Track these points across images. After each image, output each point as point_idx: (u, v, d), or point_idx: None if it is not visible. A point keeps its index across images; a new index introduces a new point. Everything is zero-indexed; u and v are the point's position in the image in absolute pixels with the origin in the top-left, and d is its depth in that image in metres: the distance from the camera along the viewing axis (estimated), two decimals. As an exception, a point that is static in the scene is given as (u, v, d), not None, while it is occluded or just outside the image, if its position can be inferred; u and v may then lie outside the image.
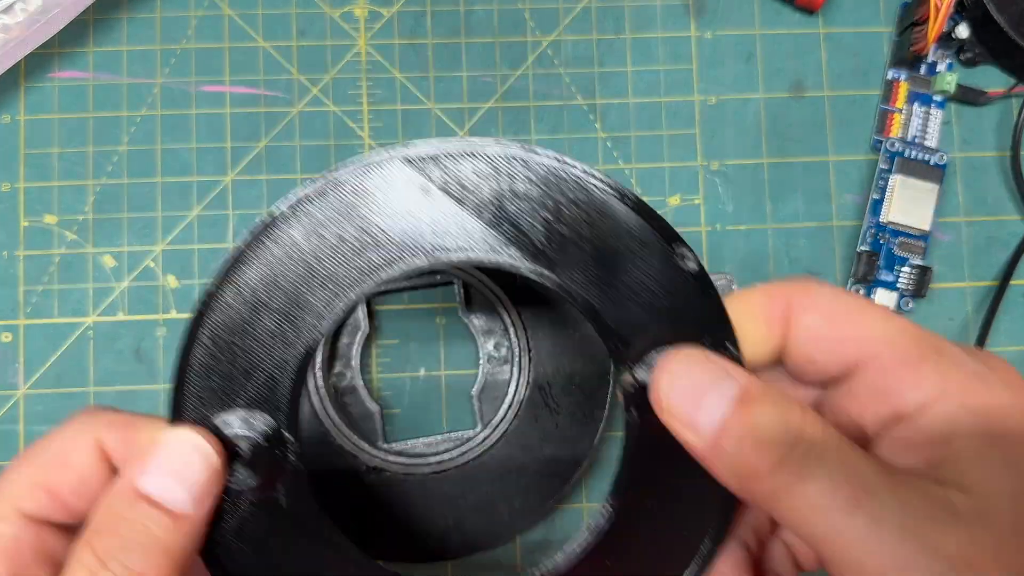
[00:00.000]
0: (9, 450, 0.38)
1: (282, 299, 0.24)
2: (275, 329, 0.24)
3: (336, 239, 0.24)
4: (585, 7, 0.42)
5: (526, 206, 0.24)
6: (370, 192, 0.24)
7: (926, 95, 0.42)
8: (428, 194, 0.24)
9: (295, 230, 0.24)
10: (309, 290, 0.24)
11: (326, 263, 0.24)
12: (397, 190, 0.24)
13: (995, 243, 0.42)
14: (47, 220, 0.40)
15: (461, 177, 0.24)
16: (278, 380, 0.24)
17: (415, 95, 0.41)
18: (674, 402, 0.22)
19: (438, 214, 0.24)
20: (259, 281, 0.25)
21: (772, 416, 0.21)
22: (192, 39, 0.41)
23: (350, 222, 0.24)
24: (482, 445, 0.38)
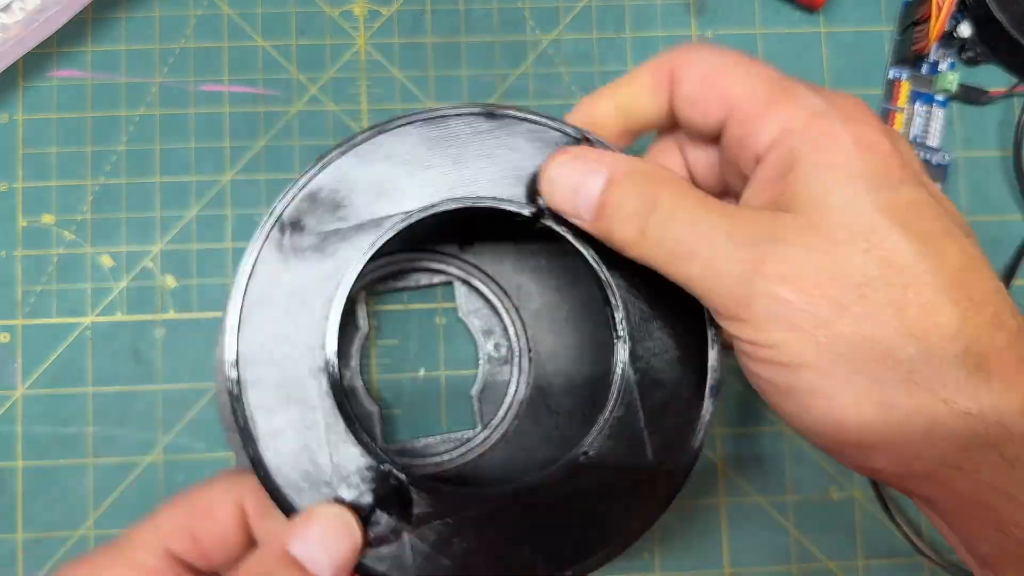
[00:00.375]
0: (7, 451, 0.38)
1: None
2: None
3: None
4: (585, 6, 0.42)
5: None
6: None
7: (928, 94, 0.42)
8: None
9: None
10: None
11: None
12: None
13: (998, 243, 0.42)
14: (45, 220, 0.40)
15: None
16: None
17: (415, 94, 0.41)
18: (557, 199, 0.26)
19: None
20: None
21: (631, 193, 0.25)
22: (191, 38, 0.41)
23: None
24: (482, 446, 0.37)
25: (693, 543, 0.40)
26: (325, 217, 0.27)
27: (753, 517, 0.40)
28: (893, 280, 0.22)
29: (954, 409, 0.22)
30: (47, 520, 0.38)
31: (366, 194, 0.28)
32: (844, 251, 0.22)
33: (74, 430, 0.39)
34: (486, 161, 0.28)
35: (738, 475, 0.40)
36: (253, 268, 0.27)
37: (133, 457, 0.39)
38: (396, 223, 0.27)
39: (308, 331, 0.27)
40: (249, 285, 0.27)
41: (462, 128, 0.28)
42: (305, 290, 0.27)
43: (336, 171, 0.28)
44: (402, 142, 0.28)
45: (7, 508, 0.38)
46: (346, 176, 0.28)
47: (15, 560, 0.38)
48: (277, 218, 0.27)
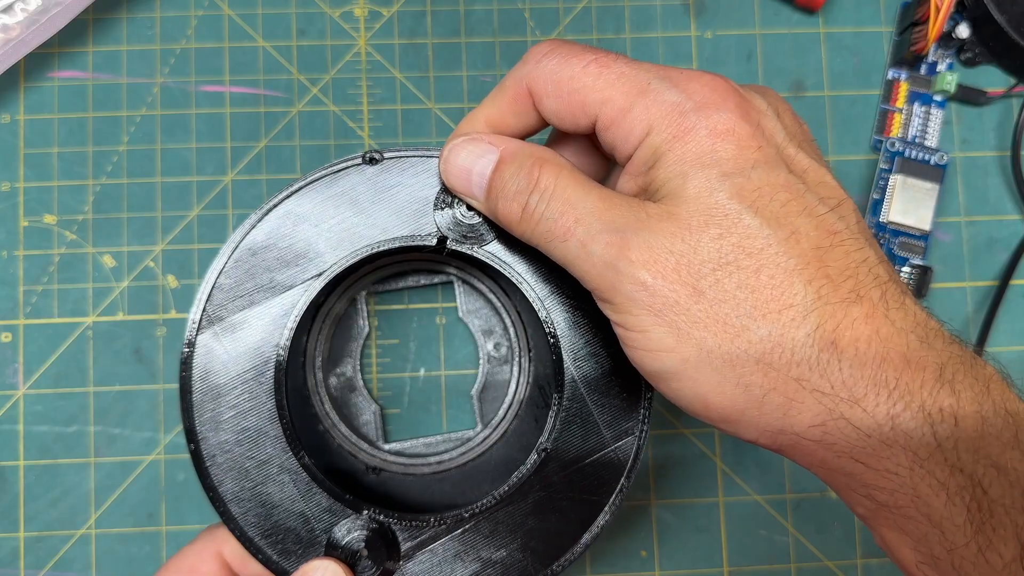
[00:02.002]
0: (9, 450, 0.38)
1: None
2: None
3: None
4: (585, 7, 0.42)
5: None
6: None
7: (926, 95, 0.42)
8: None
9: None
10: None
11: None
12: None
13: (995, 243, 0.42)
14: (47, 220, 0.40)
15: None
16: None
17: (415, 95, 0.41)
18: (452, 180, 0.28)
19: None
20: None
21: (516, 173, 0.26)
22: (192, 39, 0.41)
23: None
24: (482, 445, 0.37)
25: (692, 542, 0.40)
26: (243, 299, 0.30)
27: (752, 516, 0.40)
28: (746, 263, 0.23)
29: (807, 387, 0.23)
30: (49, 519, 0.38)
31: (280, 265, 0.30)
32: (699, 237, 0.23)
33: (76, 429, 0.39)
34: (383, 203, 0.30)
35: (737, 474, 0.40)
36: (192, 361, 0.30)
37: (134, 456, 0.39)
38: (310, 288, 0.30)
39: (258, 396, 0.30)
40: (193, 376, 0.30)
41: (352, 179, 0.30)
42: (245, 362, 0.30)
43: (245, 252, 0.30)
44: (299, 208, 0.30)
45: (9, 507, 0.38)
46: (255, 253, 0.30)
47: (17, 558, 0.38)
48: (201, 313, 0.30)
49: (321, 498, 0.29)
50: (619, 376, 0.30)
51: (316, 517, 0.30)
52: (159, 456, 0.39)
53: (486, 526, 0.30)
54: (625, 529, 0.40)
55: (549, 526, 0.30)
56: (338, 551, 0.29)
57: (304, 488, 0.30)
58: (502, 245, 0.30)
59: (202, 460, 0.29)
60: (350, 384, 0.39)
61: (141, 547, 0.38)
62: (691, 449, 0.40)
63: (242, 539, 0.29)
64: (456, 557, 0.29)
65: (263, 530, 0.29)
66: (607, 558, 0.40)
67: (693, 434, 0.40)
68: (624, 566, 0.39)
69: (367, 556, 0.29)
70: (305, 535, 0.29)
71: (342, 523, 0.29)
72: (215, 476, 0.29)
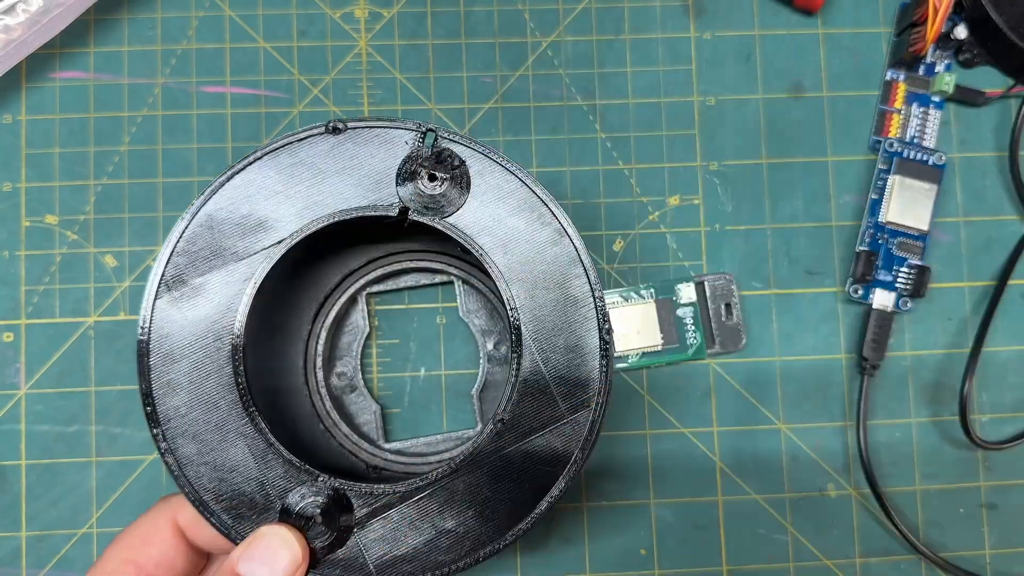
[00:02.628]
0: (10, 450, 0.39)
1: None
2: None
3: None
4: (585, 8, 0.42)
5: None
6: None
7: (925, 95, 0.42)
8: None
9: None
10: None
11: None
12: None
13: (993, 243, 0.42)
14: (48, 220, 0.40)
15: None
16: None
17: (415, 95, 0.41)
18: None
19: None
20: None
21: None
22: (193, 39, 0.41)
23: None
24: (482, 444, 0.38)
25: (691, 541, 0.40)
26: (203, 265, 0.30)
27: (751, 515, 0.40)
28: None
29: None
30: (50, 518, 0.38)
31: (239, 233, 0.30)
32: None
33: (77, 429, 0.39)
34: (345, 173, 0.30)
35: (736, 474, 0.40)
36: (150, 326, 0.30)
37: (135, 456, 0.39)
38: (271, 254, 0.30)
39: (217, 361, 0.30)
40: (151, 340, 0.30)
41: (315, 148, 0.30)
42: (203, 327, 0.30)
43: (204, 218, 0.30)
44: (261, 177, 0.30)
45: (11, 506, 0.38)
46: (215, 220, 0.30)
47: (19, 557, 0.38)
48: (160, 278, 0.30)
49: (276, 464, 0.29)
50: (579, 350, 0.30)
51: (272, 483, 0.29)
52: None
53: (441, 494, 0.30)
54: (624, 528, 0.40)
55: (504, 496, 0.30)
56: (292, 517, 0.29)
57: (260, 454, 0.29)
58: (466, 218, 0.30)
59: (158, 422, 0.29)
60: (350, 384, 0.39)
61: (142, 546, 0.38)
62: (690, 448, 0.40)
63: (196, 503, 0.29)
64: (411, 525, 0.30)
65: (218, 495, 0.29)
66: (606, 556, 0.40)
67: (693, 434, 0.40)
68: (623, 565, 0.40)
69: (321, 522, 0.29)
70: (261, 501, 0.29)
71: (297, 489, 0.29)
72: (170, 439, 0.29)
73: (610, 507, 0.40)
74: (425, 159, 0.31)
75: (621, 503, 0.40)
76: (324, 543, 0.29)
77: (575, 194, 0.41)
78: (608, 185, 0.41)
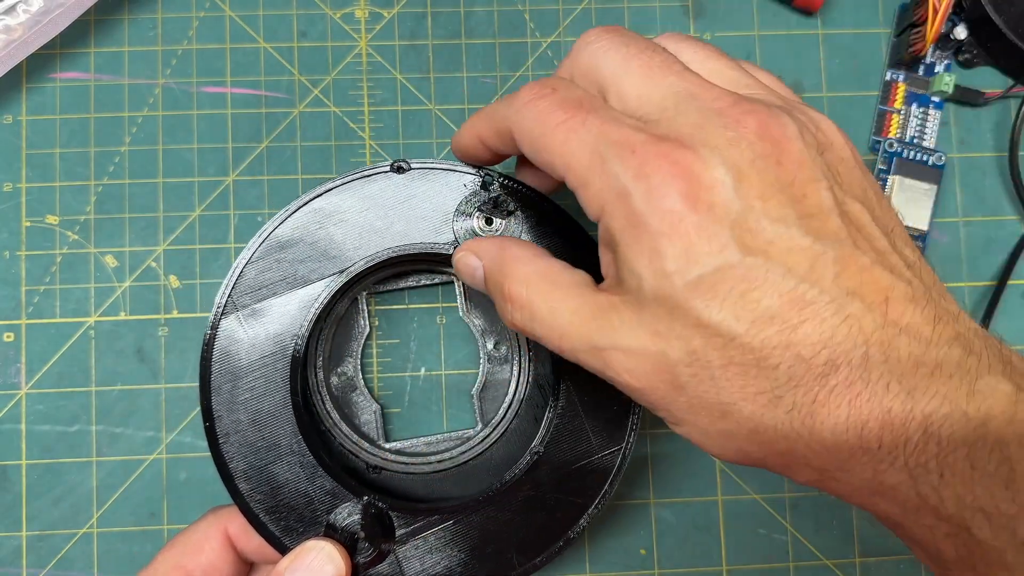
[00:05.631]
0: (11, 450, 0.39)
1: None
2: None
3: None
4: (585, 8, 0.42)
5: None
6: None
7: (924, 96, 0.42)
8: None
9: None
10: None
11: None
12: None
13: (993, 243, 0.42)
14: (49, 220, 0.40)
15: None
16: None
17: (416, 96, 0.41)
18: (464, 279, 0.31)
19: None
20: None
21: (493, 288, 0.29)
22: (193, 40, 0.41)
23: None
24: (482, 444, 0.38)
25: (691, 540, 0.40)
26: (268, 288, 0.32)
27: (751, 515, 0.40)
28: (714, 359, 0.23)
29: (799, 460, 0.24)
30: (51, 518, 0.38)
31: (305, 259, 0.32)
32: (667, 340, 0.24)
33: (78, 428, 0.39)
34: (406, 210, 0.33)
35: (736, 473, 0.40)
36: (213, 343, 0.32)
37: (136, 455, 0.39)
38: (331, 283, 0.32)
39: (274, 381, 0.32)
40: (214, 358, 0.32)
41: (379, 184, 0.33)
42: (264, 348, 0.32)
43: (274, 243, 0.32)
44: (330, 206, 0.33)
45: (12, 506, 0.38)
46: (283, 245, 0.32)
47: (20, 557, 0.38)
48: (226, 298, 0.32)
49: (324, 481, 0.31)
50: (612, 388, 0.30)
51: (319, 499, 0.31)
52: (161, 455, 0.39)
53: (477, 519, 0.31)
54: (624, 527, 0.40)
55: (535, 524, 0.32)
56: (337, 532, 0.30)
57: (309, 471, 0.31)
58: None
59: (216, 437, 0.31)
60: (351, 384, 0.39)
61: (143, 546, 0.39)
62: (690, 448, 0.40)
63: (247, 514, 0.31)
64: (446, 546, 0.31)
65: (267, 507, 0.31)
66: (606, 556, 0.40)
67: (692, 433, 0.40)
68: (623, 564, 0.40)
69: (364, 538, 0.30)
70: (308, 515, 0.31)
71: (343, 506, 0.31)
72: (226, 453, 0.31)
73: (610, 507, 0.40)
74: (483, 202, 0.33)
75: (621, 503, 0.40)
76: (366, 559, 0.30)
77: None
78: (608, 185, 0.41)
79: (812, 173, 0.24)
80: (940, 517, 0.22)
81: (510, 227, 0.33)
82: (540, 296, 0.27)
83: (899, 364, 0.22)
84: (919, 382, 0.22)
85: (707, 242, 0.23)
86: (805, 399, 0.23)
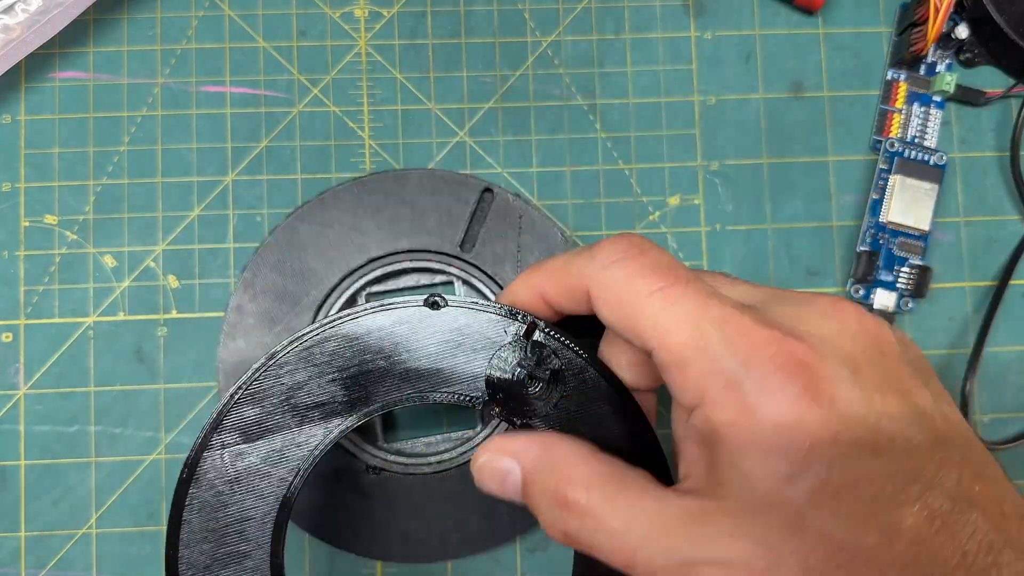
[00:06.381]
0: (10, 450, 0.39)
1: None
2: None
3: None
4: (585, 7, 0.42)
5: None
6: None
7: (925, 95, 0.42)
8: None
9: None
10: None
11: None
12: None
13: (994, 243, 0.42)
14: (48, 220, 0.40)
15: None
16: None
17: (415, 95, 0.41)
18: (488, 488, 0.27)
19: None
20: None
21: (541, 497, 0.24)
22: (193, 39, 0.41)
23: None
24: (482, 445, 0.38)
25: (692, 541, 0.40)
26: (262, 427, 0.28)
27: (751, 516, 0.40)
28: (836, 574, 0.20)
29: None
30: (50, 519, 0.38)
31: (312, 397, 0.28)
32: (780, 555, 0.20)
33: (77, 429, 0.39)
34: (436, 346, 0.29)
35: (737, 474, 0.40)
36: (195, 473, 0.28)
37: (135, 456, 0.39)
38: (342, 424, 0.28)
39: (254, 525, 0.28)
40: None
41: (411, 314, 0.29)
42: (249, 489, 0.28)
43: (282, 370, 0.28)
44: (361, 330, 0.29)
45: (10, 507, 0.38)
46: (299, 370, 0.28)
47: (18, 558, 0.38)
48: (217, 427, 0.28)
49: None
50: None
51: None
52: (160, 456, 0.39)
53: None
54: (625, 529, 0.40)
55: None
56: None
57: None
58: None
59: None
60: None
61: (142, 547, 0.38)
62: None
63: None
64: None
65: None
66: (607, 558, 0.40)
67: (693, 434, 0.40)
68: (624, 565, 0.40)
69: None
70: None
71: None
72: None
73: (610, 507, 0.40)
74: (525, 358, 0.28)
75: (621, 503, 0.40)
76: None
77: (575, 194, 0.41)
78: (608, 185, 0.41)
79: (909, 369, 0.23)
80: None
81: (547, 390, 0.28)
82: (607, 502, 0.23)
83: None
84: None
85: (832, 443, 0.21)
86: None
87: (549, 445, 0.25)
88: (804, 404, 0.21)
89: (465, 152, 0.41)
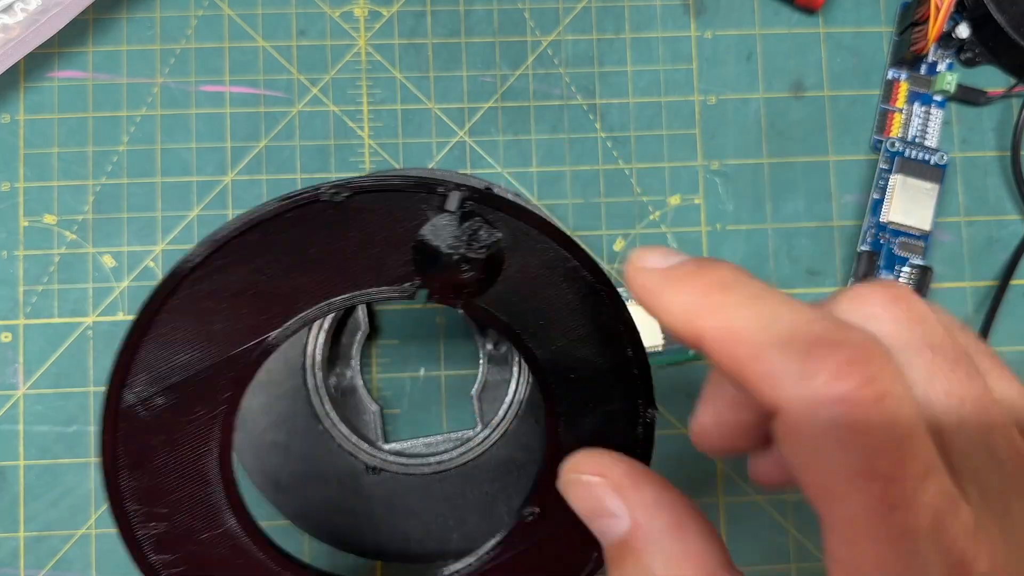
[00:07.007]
0: (9, 450, 0.39)
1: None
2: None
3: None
4: (585, 7, 0.42)
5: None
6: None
7: (926, 95, 0.42)
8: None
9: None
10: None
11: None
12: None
13: (995, 243, 0.42)
14: (47, 220, 0.40)
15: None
16: None
17: (415, 95, 0.41)
18: (572, 500, 0.22)
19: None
20: None
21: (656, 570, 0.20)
22: (192, 39, 0.41)
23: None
24: (482, 445, 0.37)
25: (692, 542, 0.40)
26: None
27: (752, 516, 0.40)
28: None
29: None
30: (49, 519, 0.38)
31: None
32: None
33: (76, 429, 0.39)
34: (347, 241, 0.24)
35: (737, 474, 0.40)
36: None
37: (135, 456, 0.39)
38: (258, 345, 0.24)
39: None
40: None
41: (314, 211, 0.25)
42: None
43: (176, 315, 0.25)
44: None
45: (9, 507, 0.38)
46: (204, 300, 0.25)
47: (17, 558, 0.38)
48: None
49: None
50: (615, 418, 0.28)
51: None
52: (159, 456, 0.39)
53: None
54: (625, 529, 0.40)
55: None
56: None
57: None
58: (496, 295, 0.25)
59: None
60: (350, 384, 0.39)
61: (141, 547, 0.38)
62: (690, 449, 0.40)
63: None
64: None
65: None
66: (607, 558, 0.40)
67: (693, 434, 0.40)
68: (624, 566, 0.39)
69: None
70: None
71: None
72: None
73: (610, 508, 0.40)
74: (452, 234, 0.23)
75: (621, 504, 0.40)
76: None
77: (575, 193, 0.41)
78: (608, 184, 0.41)
79: None
80: None
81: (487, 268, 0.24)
82: None
83: None
84: None
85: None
86: None
87: (671, 513, 0.21)
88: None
89: (465, 152, 0.41)
